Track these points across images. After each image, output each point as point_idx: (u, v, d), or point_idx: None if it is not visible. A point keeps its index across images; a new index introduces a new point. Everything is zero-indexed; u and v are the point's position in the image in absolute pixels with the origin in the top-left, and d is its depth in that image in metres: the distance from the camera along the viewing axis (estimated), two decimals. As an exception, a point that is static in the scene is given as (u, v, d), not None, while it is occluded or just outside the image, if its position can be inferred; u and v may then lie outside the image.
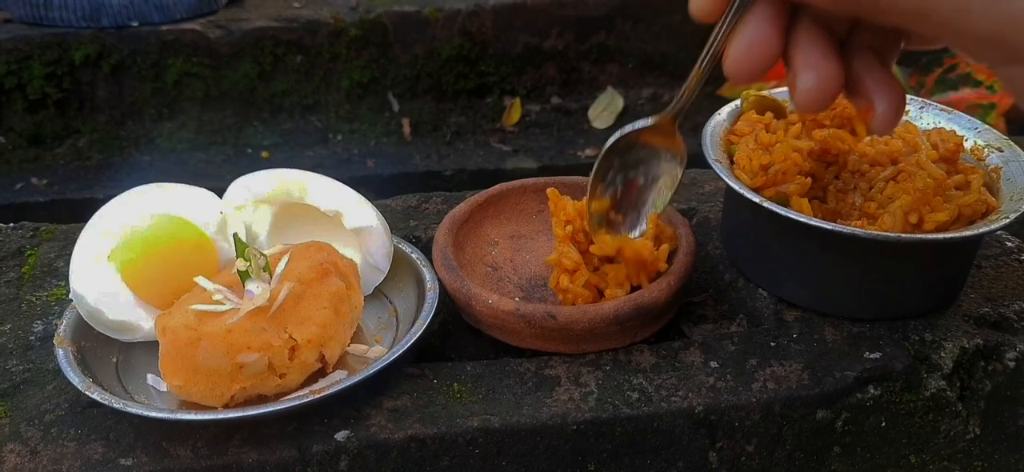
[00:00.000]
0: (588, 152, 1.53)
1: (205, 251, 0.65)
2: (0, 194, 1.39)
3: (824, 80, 0.44)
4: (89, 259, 0.61)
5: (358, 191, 0.69)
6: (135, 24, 1.43)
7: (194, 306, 0.56)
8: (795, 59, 0.45)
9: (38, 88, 1.44)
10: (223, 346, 0.54)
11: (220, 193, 0.69)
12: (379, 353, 0.61)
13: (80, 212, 1.34)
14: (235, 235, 0.61)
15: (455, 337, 0.69)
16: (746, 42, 0.45)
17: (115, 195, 0.66)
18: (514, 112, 1.58)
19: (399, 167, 1.47)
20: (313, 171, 0.69)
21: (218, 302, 0.57)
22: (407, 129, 1.54)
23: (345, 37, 1.48)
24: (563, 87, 1.61)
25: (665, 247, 0.64)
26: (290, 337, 0.56)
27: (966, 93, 1.46)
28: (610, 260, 0.64)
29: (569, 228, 0.65)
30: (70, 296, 0.61)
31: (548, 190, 0.67)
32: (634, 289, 0.63)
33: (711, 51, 0.47)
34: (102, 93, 1.47)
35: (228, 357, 0.54)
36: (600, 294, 0.63)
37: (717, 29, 0.46)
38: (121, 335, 0.60)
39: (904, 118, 0.71)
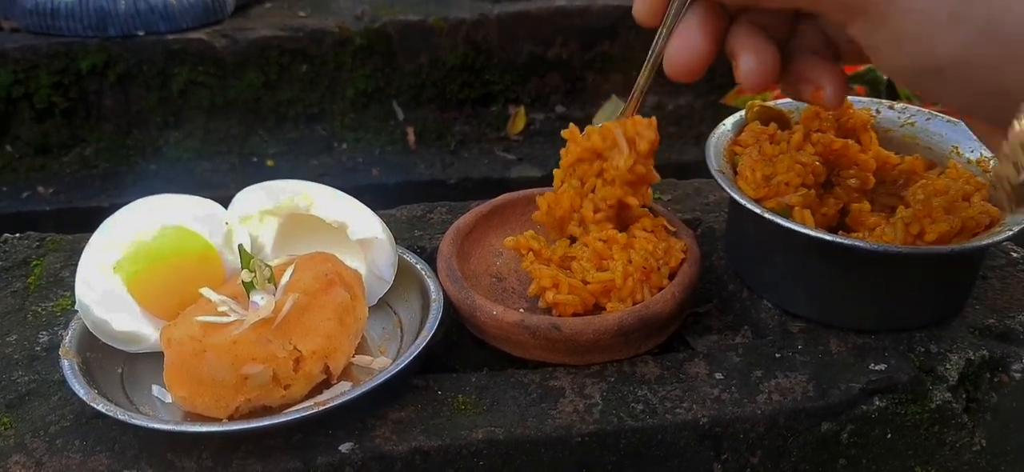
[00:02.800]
0: (593, 161, 1.53)
1: (210, 262, 0.65)
2: (7, 203, 1.40)
3: (762, 61, 0.51)
4: (95, 270, 0.61)
5: (362, 200, 0.69)
6: (141, 33, 1.43)
7: (199, 318, 0.56)
8: (735, 49, 0.52)
9: (45, 97, 1.44)
10: (228, 358, 0.54)
11: (225, 202, 0.69)
12: (383, 364, 0.61)
13: (87, 221, 1.34)
14: (240, 246, 0.61)
15: (459, 347, 0.69)
16: (680, 44, 0.51)
17: (121, 203, 0.66)
18: (518, 121, 1.58)
19: (404, 176, 1.47)
20: (318, 180, 0.69)
21: (223, 313, 0.57)
22: (412, 138, 1.55)
23: (350, 46, 1.49)
24: (567, 96, 1.62)
25: (669, 261, 0.65)
26: (295, 348, 0.56)
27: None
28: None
29: (530, 255, 0.67)
30: (76, 307, 0.61)
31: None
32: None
33: (654, 53, 0.53)
34: (108, 102, 1.48)
35: (233, 369, 0.54)
36: (598, 306, 0.64)
37: (659, 32, 0.53)
38: (127, 346, 0.61)
39: (912, 130, 0.71)
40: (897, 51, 0.42)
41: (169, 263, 0.63)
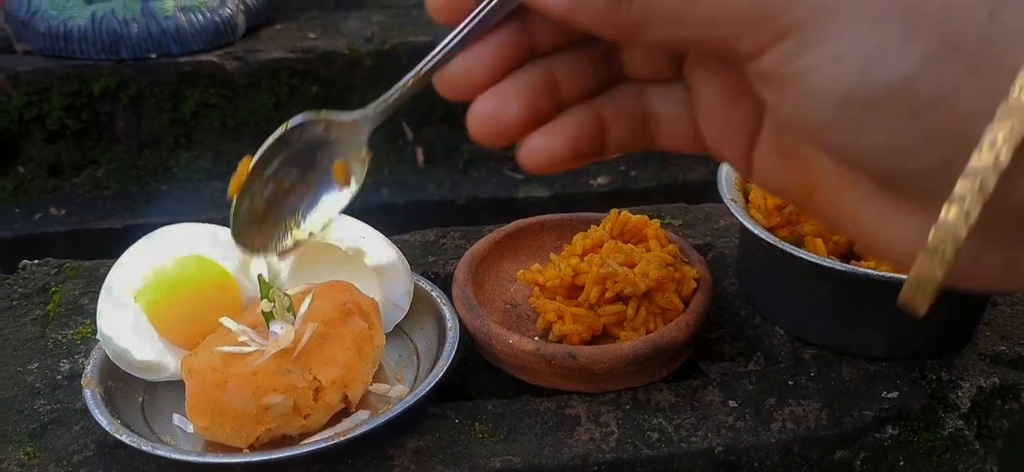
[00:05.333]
0: (600, 180, 1.53)
1: (229, 290, 0.66)
2: (20, 224, 1.41)
3: (504, 115, 0.38)
4: (116, 300, 0.62)
5: (372, 220, 0.70)
6: (153, 56, 1.44)
7: (220, 348, 0.57)
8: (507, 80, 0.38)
9: (57, 119, 1.45)
10: (249, 389, 0.54)
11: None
12: (401, 392, 0.62)
13: (99, 242, 1.36)
14: (260, 276, 0.62)
15: (474, 373, 0.70)
16: (468, 61, 0.38)
17: (133, 225, 0.67)
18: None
19: (413, 195, 1.48)
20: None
21: (243, 343, 0.58)
22: (420, 157, 1.55)
23: (360, 67, 1.50)
24: (575, 115, 1.62)
25: (681, 290, 0.65)
26: (314, 378, 0.56)
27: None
28: (620, 298, 0.65)
29: (536, 289, 0.68)
30: (97, 336, 0.62)
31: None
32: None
33: (437, 58, 0.38)
34: (120, 123, 1.48)
35: (254, 399, 0.54)
36: (607, 331, 0.65)
37: (451, 36, 0.38)
38: (148, 375, 0.61)
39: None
40: (832, 76, 0.32)
41: (188, 292, 0.64)
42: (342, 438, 0.54)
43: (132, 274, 0.64)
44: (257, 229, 0.45)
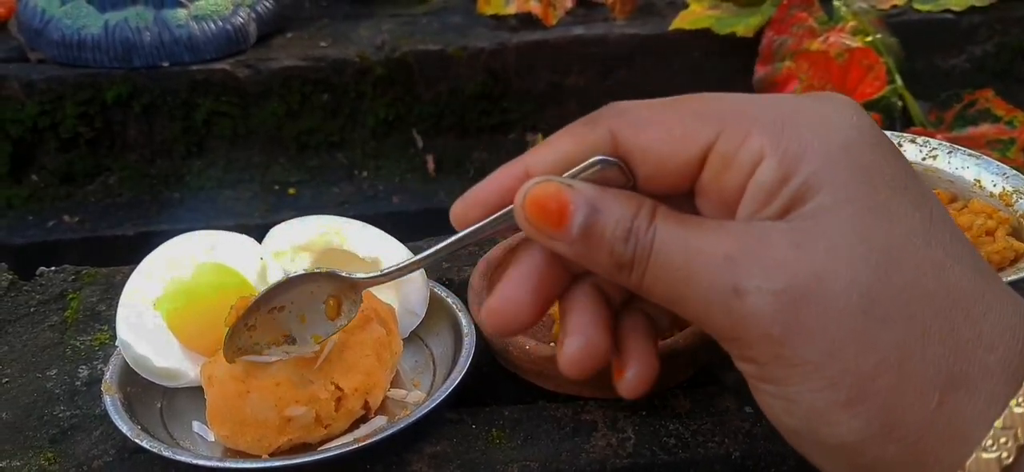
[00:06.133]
0: (610, 187, 1.54)
1: (248, 298, 0.67)
2: (34, 232, 1.42)
3: (591, 346, 0.46)
4: (136, 307, 0.63)
5: (384, 227, 0.70)
6: (166, 64, 1.45)
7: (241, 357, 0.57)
8: (567, 320, 0.47)
9: (71, 127, 1.46)
10: (271, 399, 0.55)
11: (248, 229, 0.71)
12: (418, 398, 0.62)
13: (112, 249, 1.37)
14: (278, 283, 0.62)
15: (489, 378, 0.70)
16: (509, 292, 0.46)
17: (146, 232, 0.68)
18: (536, 148, 1.59)
19: (424, 203, 1.48)
20: (340, 208, 0.71)
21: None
22: (431, 165, 1.56)
23: (371, 76, 1.50)
24: (585, 123, 1.63)
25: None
26: (337, 388, 0.57)
27: (985, 128, 1.46)
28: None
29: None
30: (117, 343, 0.62)
31: None
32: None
33: (443, 252, 0.48)
34: (133, 132, 1.49)
35: (276, 410, 0.55)
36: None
37: (463, 235, 0.47)
38: (167, 382, 0.62)
39: (933, 163, 0.72)
40: (782, 411, 0.38)
41: (208, 299, 0.64)
42: (362, 444, 0.55)
43: (151, 281, 0.65)
44: (247, 340, 0.54)
